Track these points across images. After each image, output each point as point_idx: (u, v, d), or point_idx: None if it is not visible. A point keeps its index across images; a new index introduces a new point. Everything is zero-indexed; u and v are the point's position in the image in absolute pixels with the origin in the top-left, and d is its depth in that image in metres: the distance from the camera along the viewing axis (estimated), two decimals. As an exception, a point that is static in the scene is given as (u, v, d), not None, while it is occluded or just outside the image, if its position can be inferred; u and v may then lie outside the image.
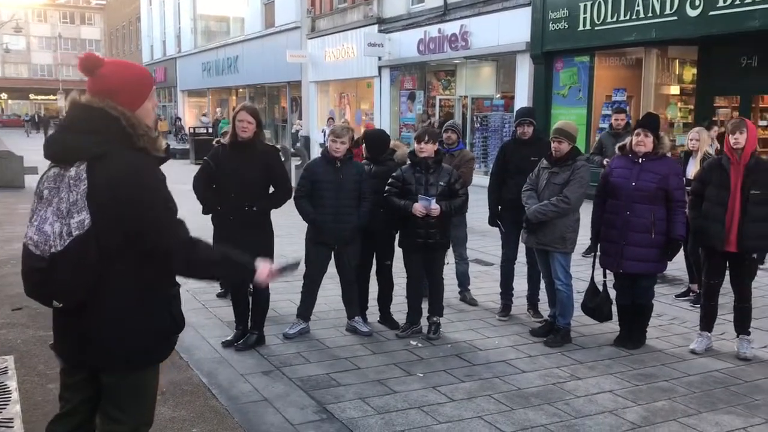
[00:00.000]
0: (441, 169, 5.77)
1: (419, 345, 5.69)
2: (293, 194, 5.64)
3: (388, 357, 5.39)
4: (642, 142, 5.40)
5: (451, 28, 18.67)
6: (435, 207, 5.55)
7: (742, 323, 5.60)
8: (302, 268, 5.84)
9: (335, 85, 26.27)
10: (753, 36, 11.78)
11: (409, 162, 5.93)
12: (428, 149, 5.72)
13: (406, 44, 20.69)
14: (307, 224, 5.80)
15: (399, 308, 6.20)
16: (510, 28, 16.63)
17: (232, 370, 5.07)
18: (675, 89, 14.83)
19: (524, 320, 6.43)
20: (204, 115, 36.92)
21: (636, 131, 5.47)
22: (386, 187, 5.77)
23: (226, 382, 4.84)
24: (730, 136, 5.34)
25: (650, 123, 5.49)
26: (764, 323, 6.30)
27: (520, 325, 6.30)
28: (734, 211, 5.30)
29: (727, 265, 5.57)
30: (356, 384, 4.83)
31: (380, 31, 21.81)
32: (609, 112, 12.35)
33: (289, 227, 7.72)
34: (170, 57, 42.28)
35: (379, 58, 21.92)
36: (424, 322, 5.95)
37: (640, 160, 5.44)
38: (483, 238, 9.66)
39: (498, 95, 18.38)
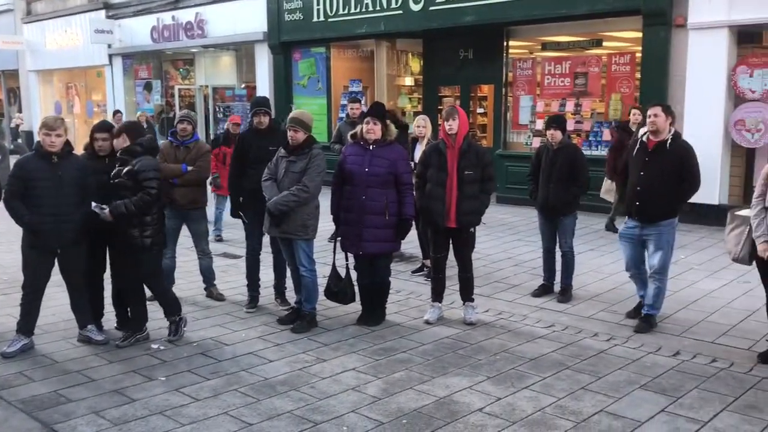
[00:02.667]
0: (137, 162, 5.32)
1: (161, 348, 5.42)
2: (2, 196, 5.01)
3: (126, 365, 5.05)
4: (371, 130, 5.67)
5: (185, 15, 18.02)
6: (103, 211, 5.22)
7: (467, 291, 6.17)
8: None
9: (60, 74, 23.97)
10: (468, 30, 12.99)
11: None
12: (118, 144, 5.42)
13: (138, 31, 19.55)
14: (22, 228, 5.20)
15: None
16: (247, 18, 16.49)
17: (-64, 402, 4.40)
18: (406, 80, 15.86)
19: (272, 310, 6.45)
20: None
21: (365, 120, 5.73)
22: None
23: (-72, 418, 4.18)
24: (445, 122, 5.83)
25: (378, 112, 5.78)
26: (485, 290, 7.01)
27: (268, 315, 6.31)
28: (452, 190, 5.80)
29: (451, 239, 6.09)
30: (90, 398, 4.46)
31: (108, 17, 20.35)
32: (347, 102, 12.80)
33: (5, 233, 6.88)
34: None
35: (109, 46, 20.47)
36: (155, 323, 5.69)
37: (371, 147, 5.71)
38: (230, 230, 9.51)
39: (243, 85, 18.18)
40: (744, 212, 5.20)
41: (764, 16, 9.57)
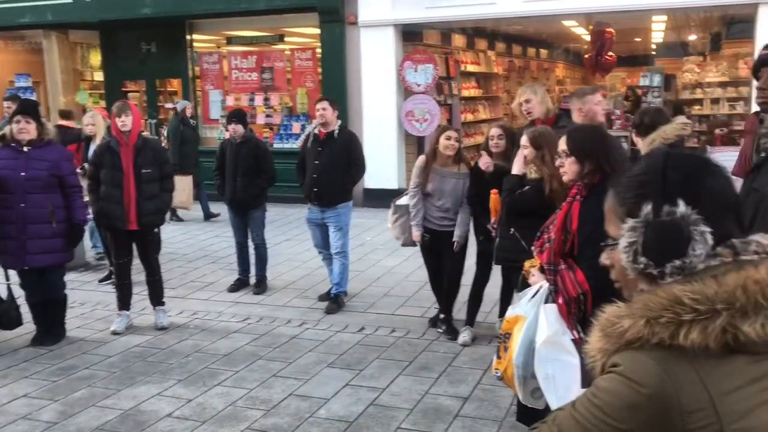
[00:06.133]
0: None
1: None
2: None
3: None
4: (24, 130, 5.10)
5: None
6: None
7: (156, 295, 5.92)
8: None
9: None
10: (148, 23, 12.40)
11: None
12: None
13: None
14: None
15: None
16: None
17: None
18: (94, 75, 14.68)
19: None
20: None
21: (16, 119, 5.13)
22: None
23: None
24: (117, 119, 5.48)
25: (29, 109, 5.23)
26: (180, 291, 6.80)
27: None
28: (130, 191, 5.49)
29: (134, 242, 5.78)
30: None
31: None
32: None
33: None
34: None
35: None
36: None
37: (26, 149, 5.14)
38: None
39: None
40: (403, 201, 5.71)
41: (421, 16, 10.67)
